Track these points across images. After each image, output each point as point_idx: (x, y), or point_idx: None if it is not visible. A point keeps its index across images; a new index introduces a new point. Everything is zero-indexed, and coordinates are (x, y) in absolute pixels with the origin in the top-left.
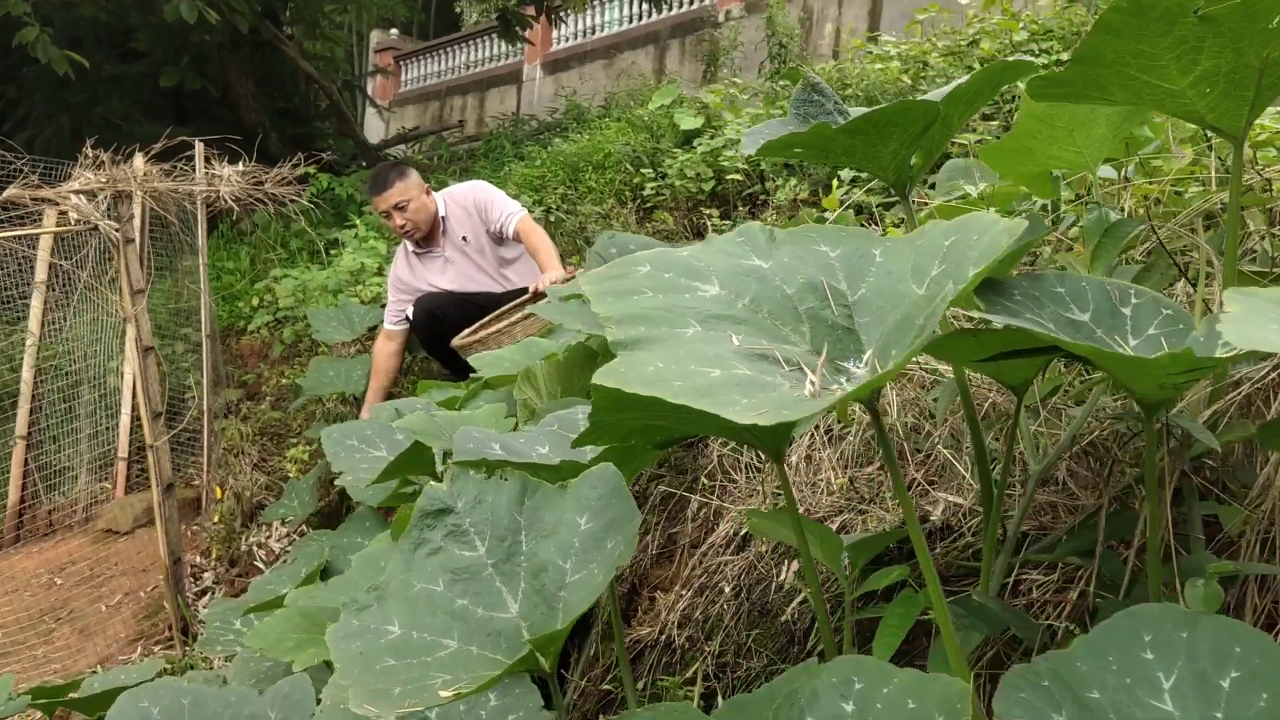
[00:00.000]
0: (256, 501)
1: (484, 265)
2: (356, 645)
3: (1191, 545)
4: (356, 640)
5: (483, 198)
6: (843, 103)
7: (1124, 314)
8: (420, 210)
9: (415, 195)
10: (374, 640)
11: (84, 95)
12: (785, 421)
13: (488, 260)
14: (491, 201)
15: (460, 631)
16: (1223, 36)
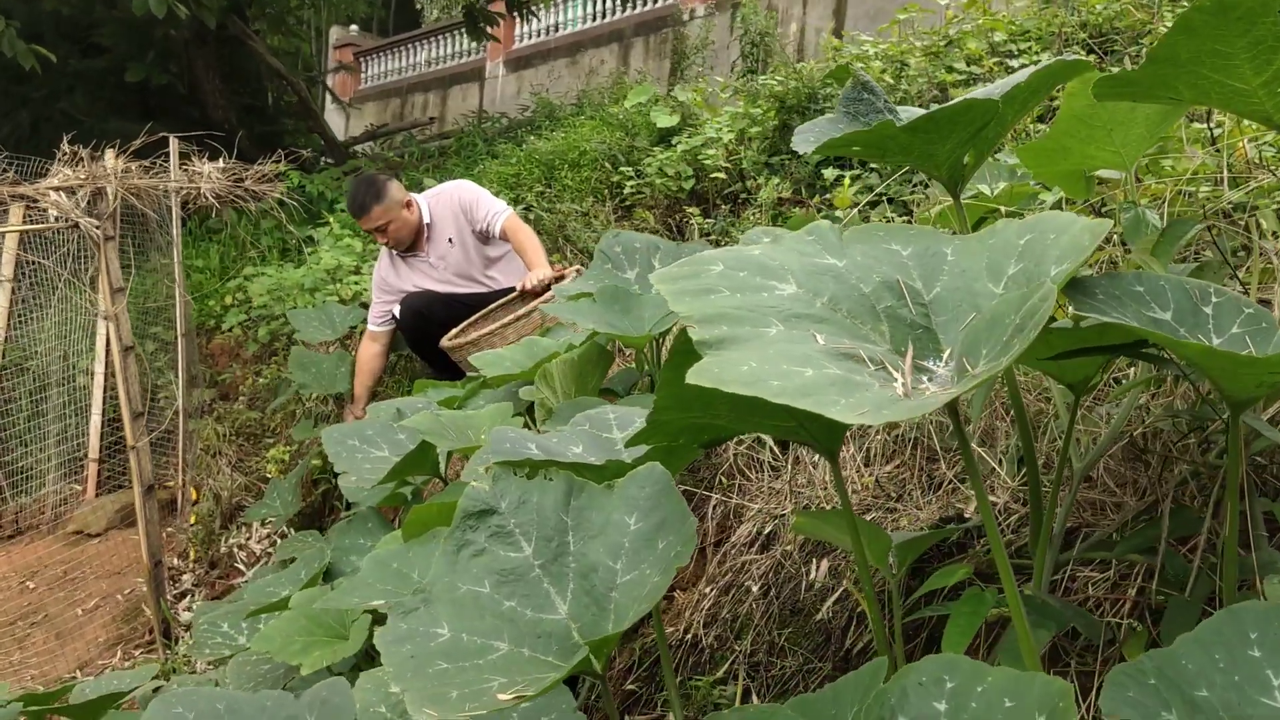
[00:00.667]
0: (235, 503)
1: (469, 266)
2: (407, 649)
3: (1254, 542)
4: (406, 644)
5: (468, 197)
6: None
7: (1205, 313)
8: (403, 226)
9: (396, 214)
10: (424, 643)
11: (44, 90)
12: (882, 422)
13: (473, 260)
14: (477, 201)
15: (510, 634)
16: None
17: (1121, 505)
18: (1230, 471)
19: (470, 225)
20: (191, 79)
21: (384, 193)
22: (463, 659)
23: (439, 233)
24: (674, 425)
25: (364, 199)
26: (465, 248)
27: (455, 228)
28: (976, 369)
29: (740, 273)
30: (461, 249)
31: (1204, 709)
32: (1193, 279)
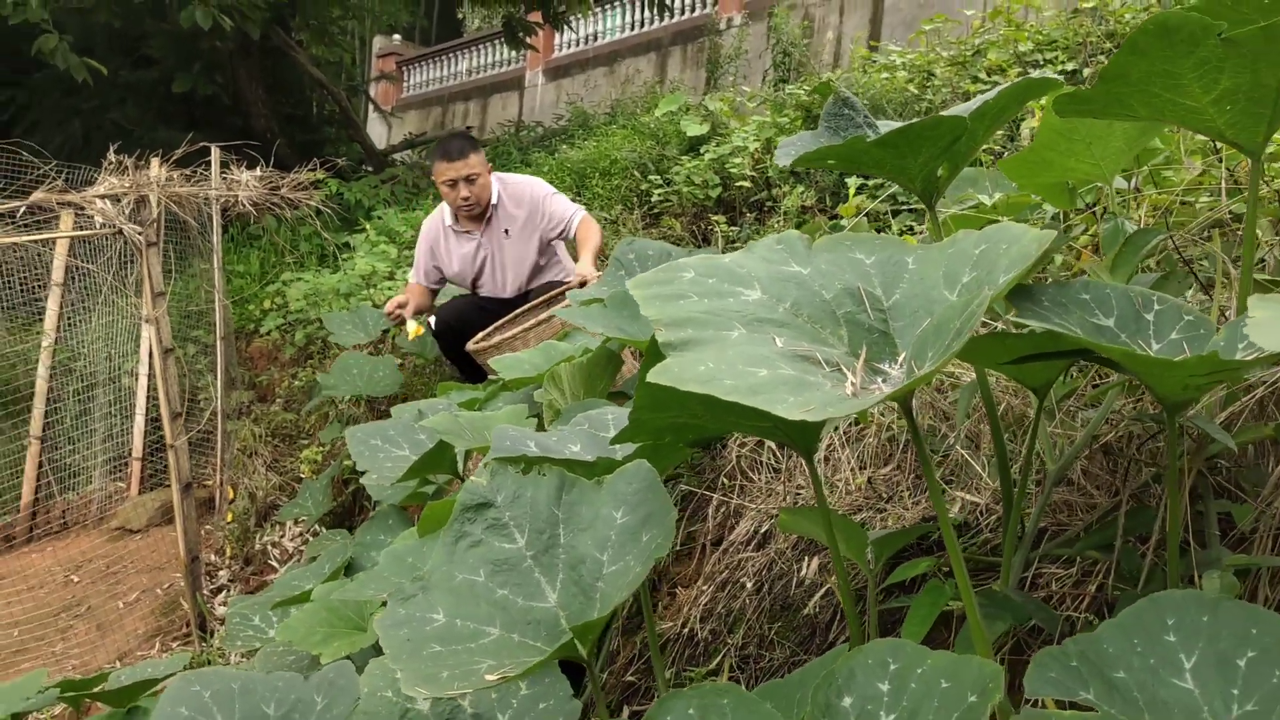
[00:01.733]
0: (270, 501)
1: (516, 266)
2: (404, 632)
3: (1207, 540)
4: (404, 628)
5: (543, 194)
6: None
7: (1147, 320)
8: (485, 188)
9: (484, 171)
10: (420, 628)
11: (95, 101)
12: (827, 419)
13: (523, 264)
14: (554, 201)
15: (502, 620)
16: (1243, 58)
17: (1095, 506)
18: (1169, 472)
19: (541, 228)
20: (236, 89)
21: (478, 146)
22: (455, 643)
23: (500, 220)
24: (655, 424)
25: (463, 145)
26: (523, 247)
27: (519, 223)
28: (921, 370)
29: (709, 279)
30: (517, 247)
31: (1120, 689)
32: (1137, 288)
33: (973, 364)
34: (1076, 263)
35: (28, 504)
